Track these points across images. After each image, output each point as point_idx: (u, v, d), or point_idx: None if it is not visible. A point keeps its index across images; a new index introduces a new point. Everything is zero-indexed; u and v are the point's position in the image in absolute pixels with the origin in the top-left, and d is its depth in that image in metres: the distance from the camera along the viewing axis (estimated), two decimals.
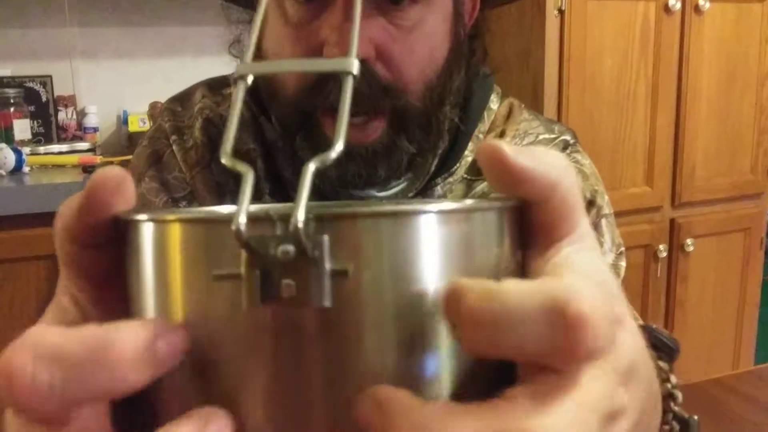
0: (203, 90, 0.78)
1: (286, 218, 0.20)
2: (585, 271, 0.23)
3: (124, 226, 0.24)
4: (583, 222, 0.25)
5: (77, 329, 0.22)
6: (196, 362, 0.22)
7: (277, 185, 0.72)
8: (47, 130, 2.15)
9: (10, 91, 2.03)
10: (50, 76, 2.14)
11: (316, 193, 0.69)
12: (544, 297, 0.20)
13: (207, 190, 0.72)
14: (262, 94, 0.69)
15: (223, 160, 0.23)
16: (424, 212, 0.21)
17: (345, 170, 0.64)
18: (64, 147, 2.01)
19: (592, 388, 0.22)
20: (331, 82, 0.60)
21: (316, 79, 0.61)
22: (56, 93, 2.15)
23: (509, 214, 0.24)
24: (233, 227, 0.20)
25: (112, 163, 1.34)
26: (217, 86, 0.77)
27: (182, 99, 0.78)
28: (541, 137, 0.76)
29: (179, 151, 0.73)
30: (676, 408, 0.46)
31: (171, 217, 0.23)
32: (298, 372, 0.21)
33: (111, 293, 0.26)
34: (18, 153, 1.79)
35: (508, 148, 0.24)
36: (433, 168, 0.72)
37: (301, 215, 0.20)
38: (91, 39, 2.17)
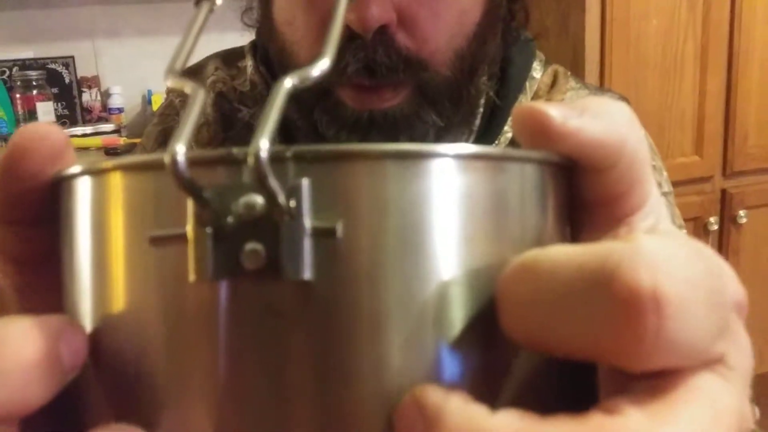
0: (216, 62, 0.74)
1: (272, 155, 0.15)
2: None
3: (55, 190, 0.19)
4: (653, 192, 0.21)
5: None
6: (131, 358, 0.17)
7: None
8: (72, 112, 2.13)
9: (33, 74, 2.01)
10: (72, 57, 2.12)
11: None
12: (590, 262, 0.16)
13: None
14: (275, 68, 0.65)
15: (168, 82, 0.19)
16: (442, 155, 0.16)
17: (365, 139, 0.59)
18: (88, 129, 2.00)
19: (719, 398, 0.17)
20: (347, 54, 0.55)
21: None
22: (79, 74, 2.14)
23: (556, 172, 0.19)
24: (166, 160, 0.15)
25: (134, 145, 1.30)
26: (232, 58, 0.73)
27: (195, 71, 0.74)
28: None
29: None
30: None
31: (104, 166, 0.18)
32: (269, 370, 0.16)
33: (42, 279, 0.21)
34: None
35: (553, 110, 0.19)
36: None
37: (264, 143, 0.14)
38: (112, 18, 2.14)
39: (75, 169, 0.18)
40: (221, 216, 0.15)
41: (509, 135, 0.68)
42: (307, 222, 0.15)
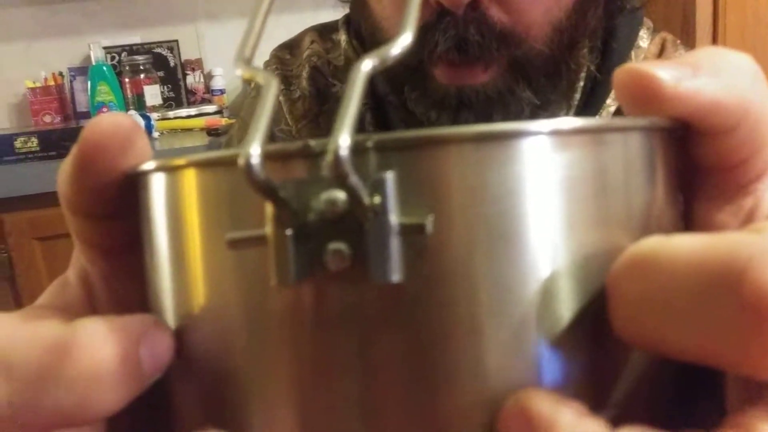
0: (312, 35, 0.73)
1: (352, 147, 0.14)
2: None
3: (131, 185, 0.19)
4: None
5: (37, 325, 0.17)
6: (215, 359, 0.16)
7: None
8: (177, 95, 2.20)
9: (140, 58, 2.09)
10: (176, 41, 2.18)
11: None
12: (715, 258, 0.14)
13: None
14: (367, 46, 0.65)
15: (239, 72, 0.18)
16: (536, 133, 0.15)
17: (457, 119, 0.57)
18: (192, 111, 2.05)
19: None
20: (437, 31, 0.53)
21: (421, 28, 0.54)
22: (183, 57, 2.19)
23: (665, 139, 0.17)
24: (240, 162, 0.14)
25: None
26: (328, 31, 0.73)
27: (291, 46, 0.74)
28: None
29: (285, 102, 0.70)
30: None
31: (177, 162, 0.17)
32: (355, 376, 0.15)
33: (127, 266, 0.21)
34: (147, 119, 1.83)
35: (662, 71, 0.17)
36: None
37: (344, 139, 0.13)
38: (214, 1, 2.18)
39: (149, 165, 0.18)
40: (301, 215, 0.14)
41: (612, 109, 0.64)
42: (394, 218, 0.14)
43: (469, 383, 0.15)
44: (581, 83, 0.62)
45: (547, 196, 0.15)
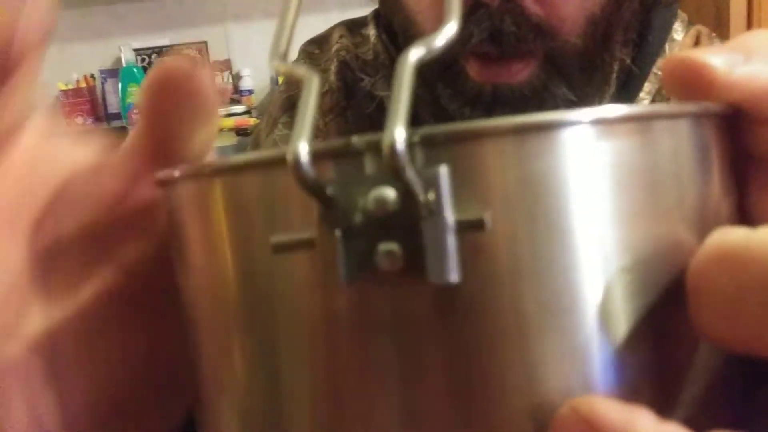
0: (341, 30, 0.73)
1: (380, 147, 0.13)
2: None
3: (163, 191, 0.18)
4: None
5: None
6: (263, 374, 0.16)
7: None
8: None
9: None
10: (205, 42, 2.20)
11: None
12: None
13: (340, 138, 0.67)
14: (399, 38, 0.64)
15: (275, 67, 0.17)
16: (582, 122, 0.14)
17: (490, 115, 0.56)
18: (221, 111, 2.06)
19: None
20: (472, 23, 0.52)
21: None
22: (212, 58, 2.22)
23: (717, 125, 0.16)
24: (289, 158, 0.13)
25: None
26: (357, 26, 0.73)
27: (320, 41, 0.74)
28: None
29: None
30: None
31: (210, 167, 0.16)
32: (409, 383, 0.14)
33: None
34: None
35: (715, 58, 0.16)
36: None
37: (399, 132, 0.13)
38: (242, 2, 2.20)
39: (179, 170, 0.17)
40: (349, 215, 0.14)
41: (646, 102, 0.63)
42: (450, 216, 0.13)
43: (524, 388, 0.14)
44: (615, 76, 0.62)
45: (600, 188, 0.14)
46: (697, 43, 0.65)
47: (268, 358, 0.16)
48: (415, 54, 0.15)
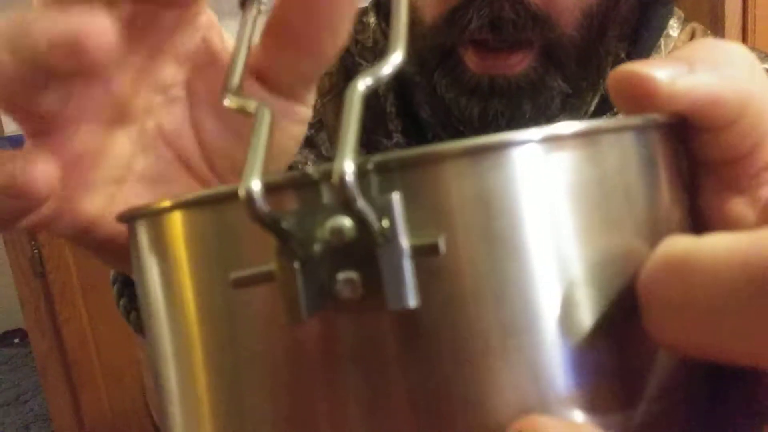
0: None
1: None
2: None
3: (126, 227, 0.19)
4: None
5: None
6: (228, 408, 0.16)
7: (413, 125, 0.67)
8: None
9: None
10: None
11: (456, 137, 0.63)
12: (756, 258, 0.13)
13: (336, 121, 0.69)
14: None
15: (226, 102, 0.18)
16: (530, 141, 0.14)
17: (486, 107, 0.57)
18: None
19: None
20: (471, 9, 0.53)
21: (455, 7, 0.55)
22: None
23: (665, 135, 0.17)
24: (241, 194, 0.13)
25: None
26: (357, 14, 0.72)
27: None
28: None
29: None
30: None
31: (165, 204, 0.16)
32: (375, 407, 0.14)
33: None
34: None
35: (658, 70, 0.16)
36: (592, 107, 0.62)
37: (348, 164, 0.13)
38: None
39: (135, 211, 0.17)
40: (307, 246, 0.14)
41: None
42: (405, 241, 0.14)
43: (487, 407, 0.14)
44: (609, 70, 0.62)
45: (553, 204, 0.15)
46: (692, 39, 0.66)
47: (233, 391, 0.16)
48: (363, 84, 0.15)
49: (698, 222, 0.18)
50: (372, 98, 0.66)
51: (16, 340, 3.08)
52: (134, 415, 1.64)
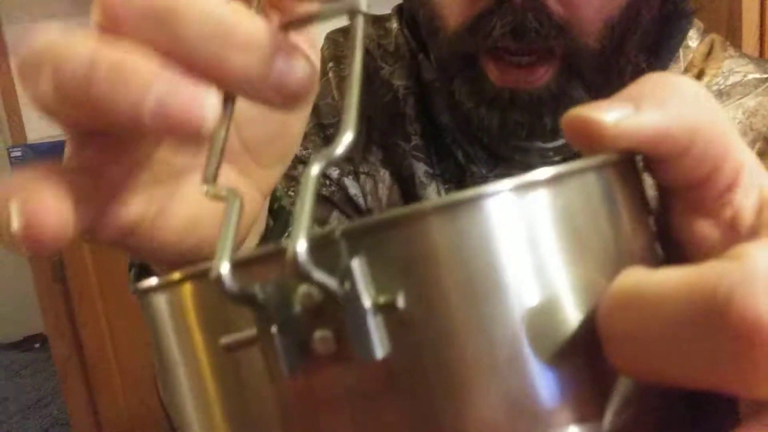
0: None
1: (321, 240, 0.15)
2: None
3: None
4: (747, 160, 0.18)
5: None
6: None
7: (432, 129, 0.67)
8: None
9: None
10: None
11: (478, 145, 0.64)
12: (699, 290, 0.14)
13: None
14: (421, 30, 0.65)
15: (202, 191, 0.20)
16: (486, 196, 0.16)
17: (506, 118, 0.57)
18: None
19: None
20: (495, 17, 0.54)
21: (478, 15, 0.55)
22: None
23: (621, 171, 0.18)
24: (213, 277, 0.16)
25: None
26: (381, 20, 0.75)
27: (345, 30, 0.75)
28: (750, 77, 0.64)
29: (334, 77, 0.71)
30: None
31: (171, 279, 0.18)
32: None
33: None
34: None
35: (603, 113, 0.18)
36: None
37: (300, 244, 0.15)
38: None
39: (142, 285, 0.19)
40: (283, 310, 0.16)
41: None
42: (367, 301, 0.15)
43: None
44: (629, 80, 0.62)
45: (512, 250, 0.16)
46: (711, 50, 0.66)
47: (246, 426, 0.18)
48: (316, 167, 0.17)
49: (669, 244, 0.19)
50: (391, 101, 0.67)
51: (37, 345, 3.12)
52: (151, 418, 1.66)
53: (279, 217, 0.42)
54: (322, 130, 0.69)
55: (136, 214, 0.26)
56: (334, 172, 0.66)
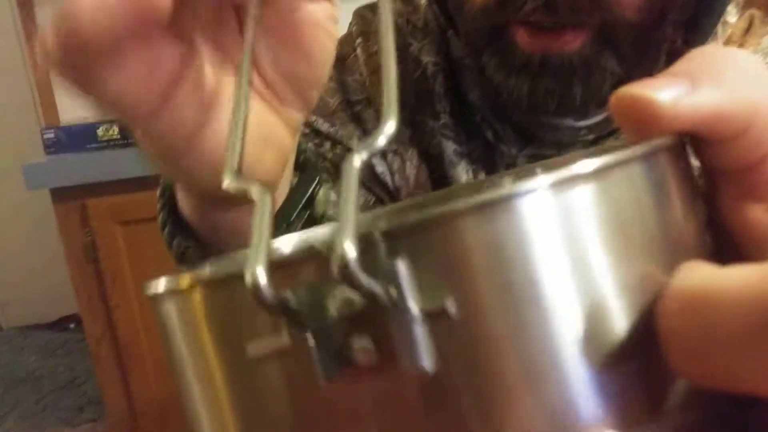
0: None
1: (360, 241, 0.13)
2: None
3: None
4: None
5: None
6: None
7: (461, 106, 0.66)
8: None
9: None
10: None
11: (507, 124, 0.62)
12: (758, 287, 0.13)
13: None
14: (449, 5, 0.64)
15: (226, 184, 0.18)
16: (525, 193, 0.14)
17: (535, 86, 0.56)
18: None
19: None
20: None
21: None
22: None
23: (672, 155, 0.17)
24: (248, 282, 0.14)
25: None
26: None
27: (374, 6, 0.75)
28: None
29: (362, 54, 0.70)
30: None
31: (184, 284, 0.17)
32: None
33: None
34: None
35: (659, 92, 0.16)
36: None
37: (350, 247, 0.13)
38: None
39: (155, 286, 0.18)
40: (319, 317, 0.14)
41: None
42: (414, 307, 0.14)
43: None
44: (664, 56, 0.60)
45: (566, 250, 0.14)
46: (750, 26, 0.64)
47: None
48: (358, 159, 0.15)
49: (719, 230, 0.18)
50: (420, 78, 0.66)
51: (72, 325, 3.18)
52: None
53: (305, 169, 0.41)
54: (350, 107, 0.68)
55: (191, 123, 0.31)
56: None
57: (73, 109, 2.13)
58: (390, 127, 0.16)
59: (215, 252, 0.41)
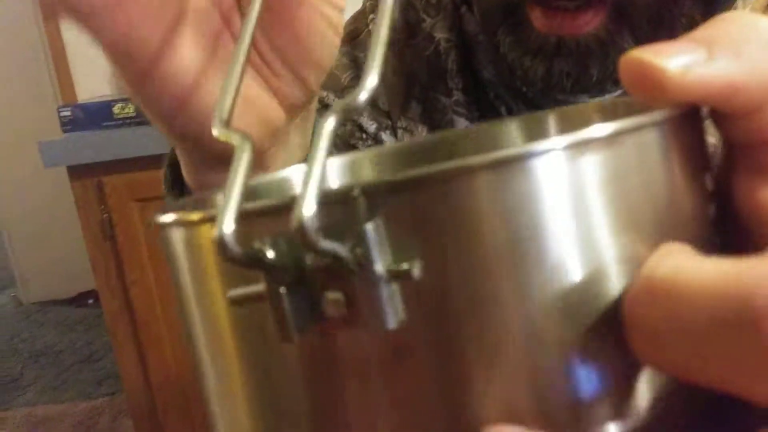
0: None
1: (338, 198, 0.14)
2: None
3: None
4: None
5: None
6: (234, 415, 0.17)
7: (474, 83, 0.65)
8: None
9: None
10: None
11: (520, 99, 0.61)
12: (733, 293, 0.13)
13: (395, 76, 0.66)
14: None
15: (214, 132, 0.19)
16: (535, 154, 0.14)
17: (551, 67, 0.55)
18: None
19: None
20: None
21: None
22: None
23: (680, 126, 0.16)
24: (213, 239, 0.14)
25: None
26: None
27: None
28: None
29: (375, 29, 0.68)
30: None
31: (194, 217, 0.17)
32: (374, 420, 0.15)
33: None
34: None
35: (669, 59, 0.15)
36: None
37: (307, 207, 0.13)
38: None
39: (164, 217, 0.18)
40: (294, 267, 0.14)
41: None
42: (380, 267, 0.14)
43: (485, 414, 0.14)
44: (682, 32, 0.59)
45: (560, 216, 0.14)
46: None
47: (263, 388, 0.17)
48: (333, 117, 0.15)
49: (734, 204, 0.17)
50: (432, 55, 0.66)
51: (90, 301, 3.22)
52: None
53: None
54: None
55: (192, 69, 0.33)
56: (372, 126, 0.65)
57: (91, 86, 2.14)
58: (371, 81, 0.15)
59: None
